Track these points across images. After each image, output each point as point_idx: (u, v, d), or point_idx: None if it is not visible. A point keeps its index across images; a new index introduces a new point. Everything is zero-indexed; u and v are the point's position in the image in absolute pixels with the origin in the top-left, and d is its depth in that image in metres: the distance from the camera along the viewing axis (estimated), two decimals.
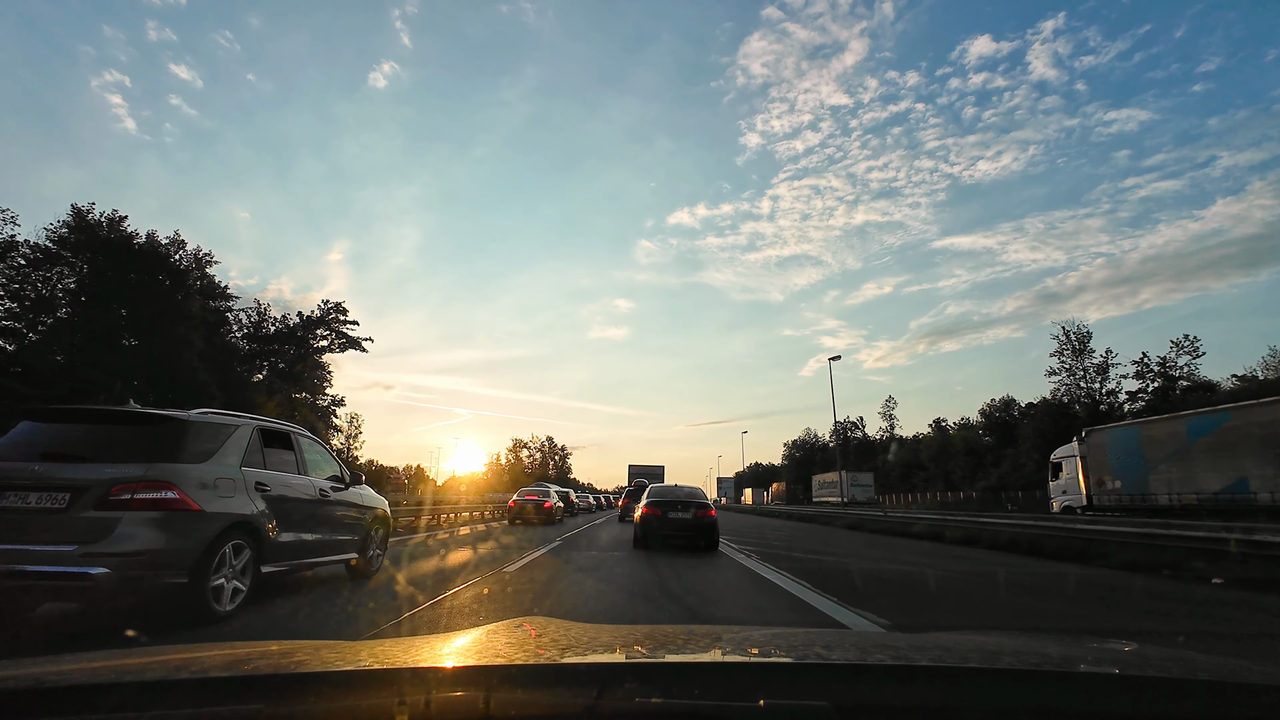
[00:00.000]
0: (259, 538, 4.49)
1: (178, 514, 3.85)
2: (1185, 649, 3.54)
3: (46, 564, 3.52)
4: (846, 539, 14.70)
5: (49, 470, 3.78)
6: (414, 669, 0.83)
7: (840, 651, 1.11)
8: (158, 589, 3.76)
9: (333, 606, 4.90)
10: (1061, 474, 21.41)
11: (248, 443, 4.69)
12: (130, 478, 3.77)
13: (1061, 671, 0.94)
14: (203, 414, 4.56)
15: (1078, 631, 4.61)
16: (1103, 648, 1.26)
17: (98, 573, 3.51)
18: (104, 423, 4.34)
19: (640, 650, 1.10)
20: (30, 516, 3.64)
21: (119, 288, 30.23)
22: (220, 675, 0.84)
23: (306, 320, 53.68)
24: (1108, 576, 7.64)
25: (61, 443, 4.07)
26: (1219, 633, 4.70)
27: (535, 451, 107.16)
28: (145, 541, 3.68)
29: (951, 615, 5.20)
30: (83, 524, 3.62)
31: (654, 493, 11.07)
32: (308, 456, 5.51)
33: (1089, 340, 47.40)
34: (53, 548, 3.56)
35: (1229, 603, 5.87)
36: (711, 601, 5.46)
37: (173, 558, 3.79)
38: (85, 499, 3.67)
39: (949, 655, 1.08)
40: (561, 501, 22.32)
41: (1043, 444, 43.36)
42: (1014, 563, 9.14)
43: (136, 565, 3.64)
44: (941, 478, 63.10)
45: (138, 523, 3.70)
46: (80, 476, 3.75)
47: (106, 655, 0.98)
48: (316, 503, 5.35)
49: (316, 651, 1.00)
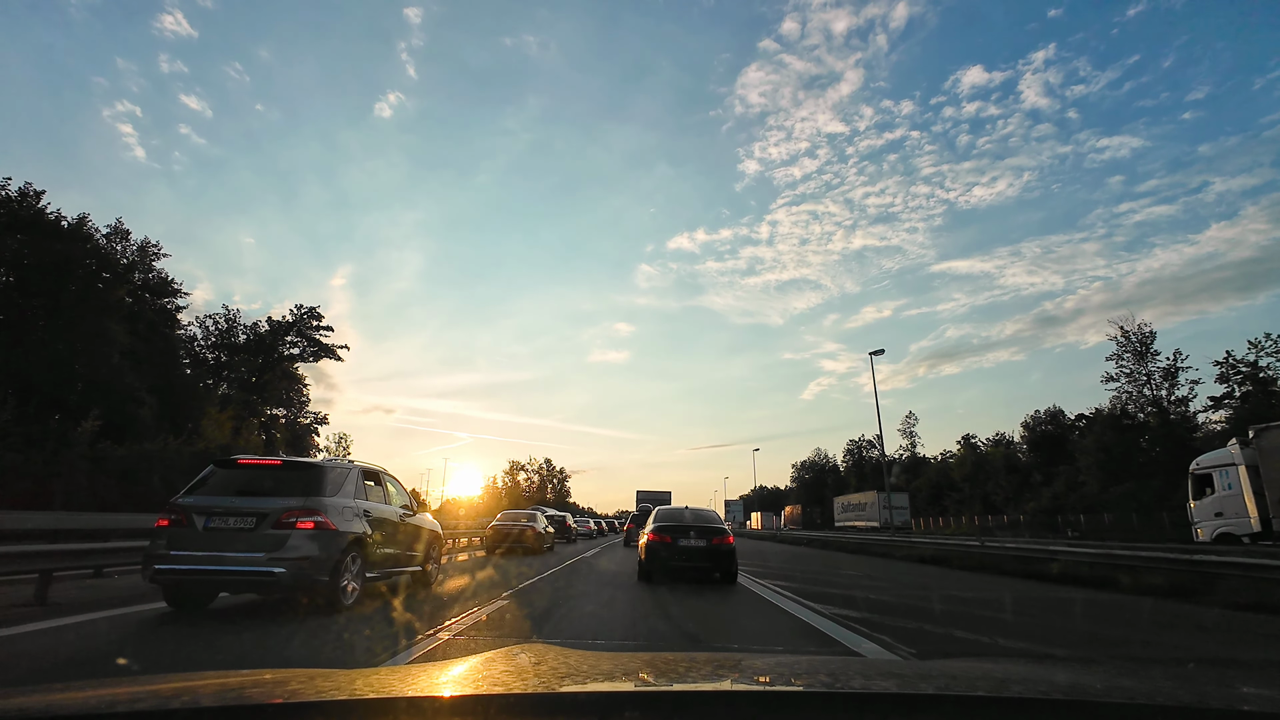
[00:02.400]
0: (366, 551, 6.87)
1: (325, 532, 6.24)
2: (1195, 674, 3.78)
3: (245, 565, 5.91)
4: (987, 592, 10.13)
5: (241, 502, 6.19)
6: (410, 698, 0.92)
7: (845, 679, 1.19)
8: (311, 584, 6.14)
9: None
10: (1211, 490, 17.80)
11: (357, 480, 7.15)
12: (295, 507, 6.19)
13: (1071, 700, 1.01)
14: (330, 461, 7.06)
15: (1090, 660, 4.88)
16: (1112, 675, 1.34)
17: (279, 571, 5.89)
18: (272, 468, 6.81)
19: (642, 678, 1.22)
20: (231, 534, 6.03)
21: (29, 270, 27.57)
22: (212, 705, 0.93)
23: (275, 326, 56.57)
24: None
25: (247, 482, 6.53)
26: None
27: (533, 474, 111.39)
28: (306, 551, 6.05)
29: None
30: (266, 539, 6.00)
31: (661, 516, 10.53)
32: (390, 489, 8.00)
33: (1152, 342, 45.70)
34: (247, 553, 5.96)
35: None
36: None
37: (322, 563, 6.14)
38: (266, 522, 6.05)
39: (956, 684, 1.17)
40: (552, 527, 22.00)
41: (1106, 460, 42.41)
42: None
43: (301, 567, 5.99)
44: (979, 499, 63.52)
45: (301, 538, 6.08)
46: (262, 506, 6.14)
47: (97, 684, 1.07)
48: (397, 525, 7.77)
49: (311, 680, 1.11)
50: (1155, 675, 1.54)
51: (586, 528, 38.26)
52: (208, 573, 5.99)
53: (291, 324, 56.88)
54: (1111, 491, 36.88)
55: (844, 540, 27.25)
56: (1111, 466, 36.16)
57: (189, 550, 6.00)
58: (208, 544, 6.04)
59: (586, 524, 39.91)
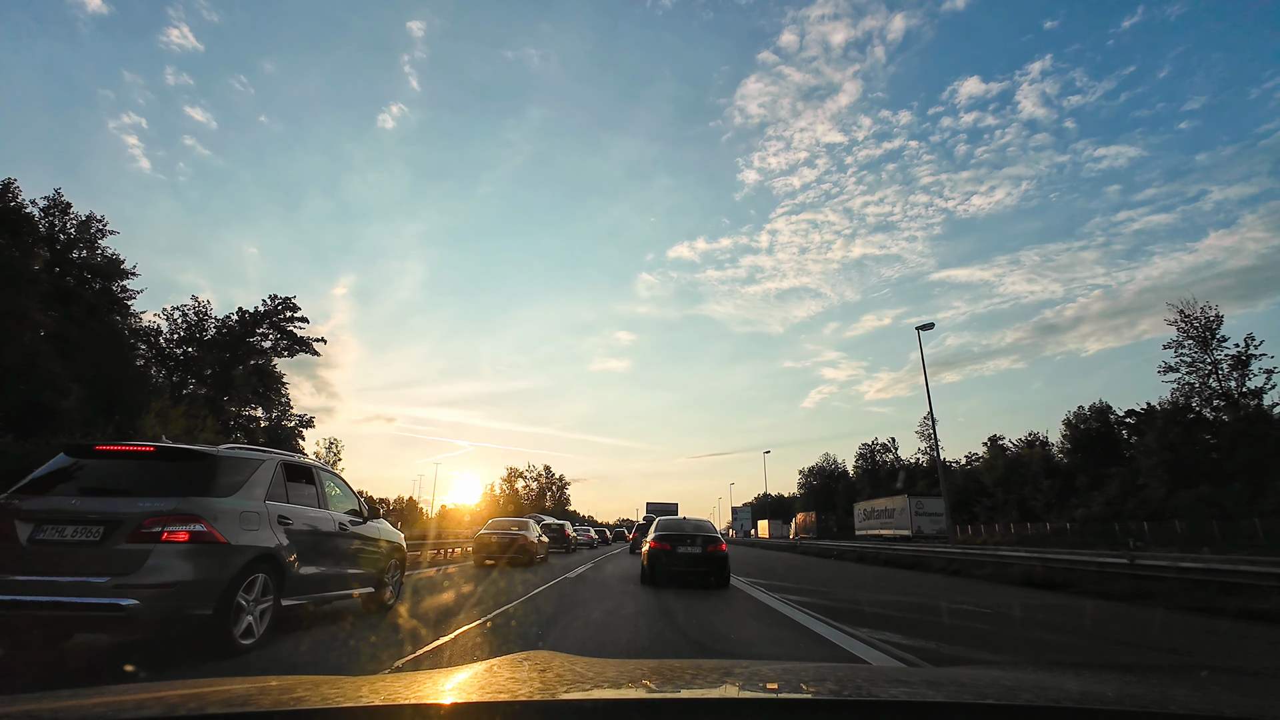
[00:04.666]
0: (281, 571, 5.21)
1: (205, 546, 4.57)
2: (1208, 682, 3.78)
3: (80, 595, 4.21)
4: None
5: (86, 504, 4.51)
6: (416, 705, 0.94)
7: (853, 687, 1.22)
8: (185, 620, 4.47)
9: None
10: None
11: (271, 477, 5.49)
12: (162, 511, 4.50)
13: (1081, 709, 1.03)
14: (230, 449, 5.35)
15: (1099, 666, 4.91)
16: (1124, 684, 1.35)
17: (128, 604, 4.20)
18: (140, 458, 5.07)
19: (647, 685, 1.22)
20: (66, 549, 4.34)
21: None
22: (219, 712, 0.96)
23: (245, 317, 54.90)
24: None
25: (102, 476, 4.82)
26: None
27: (532, 481, 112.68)
28: (174, 574, 4.38)
29: None
30: (115, 556, 4.32)
31: (662, 526, 11.98)
32: (328, 490, 6.34)
33: (1218, 327, 42.93)
34: (87, 579, 4.26)
35: None
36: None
37: (200, 590, 4.49)
38: (119, 532, 4.38)
39: (965, 691, 1.18)
40: (547, 536, 21.66)
41: (1173, 459, 39.54)
42: None
43: (166, 597, 4.33)
44: (1015, 505, 61.36)
45: (167, 555, 4.41)
46: (114, 510, 4.47)
47: (101, 692, 1.09)
48: (335, 536, 6.14)
49: (317, 688, 1.12)
50: (1168, 683, 1.41)
51: (587, 536, 38.18)
52: (29, 605, 4.28)
53: (263, 315, 55.21)
54: (1181, 496, 34.52)
55: (894, 553, 22.78)
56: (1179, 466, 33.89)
57: (2, 573, 4.32)
58: (33, 563, 4.40)
59: (587, 532, 39.86)
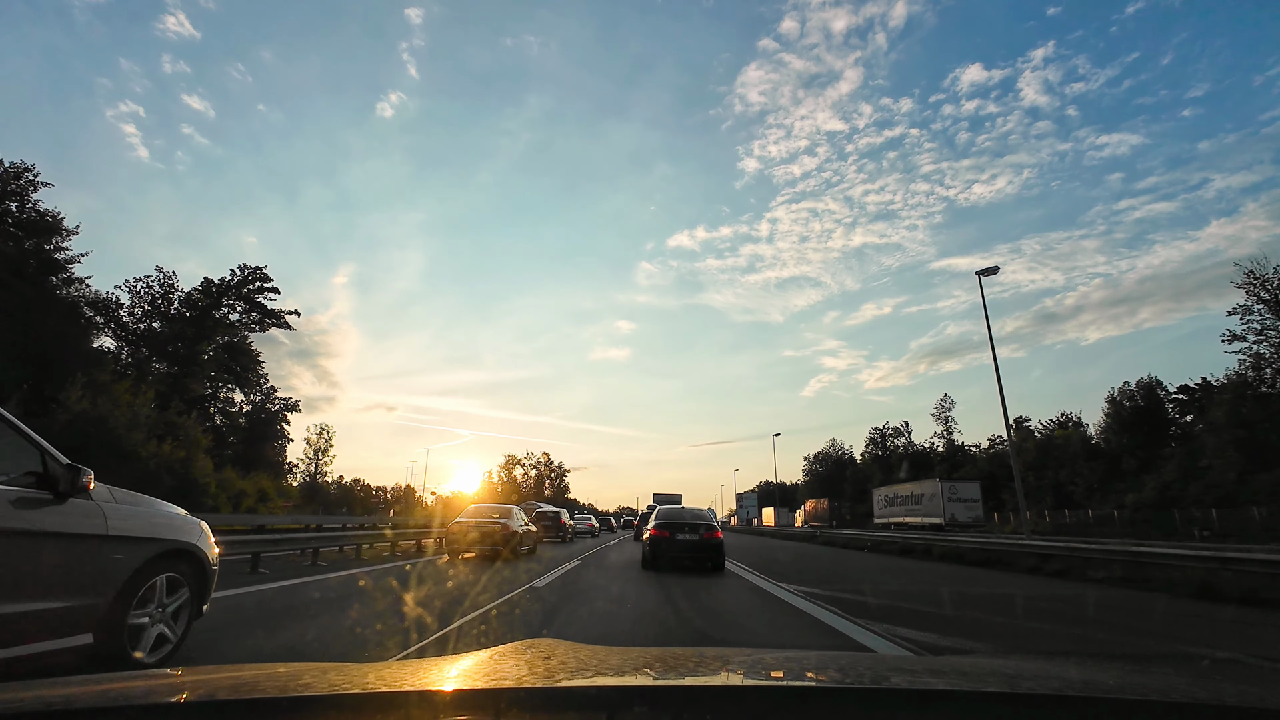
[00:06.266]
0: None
1: None
2: (1210, 671, 3.93)
3: None
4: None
5: None
6: (421, 692, 1.00)
7: (855, 675, 1.32)
8: None
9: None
10: None
11: None
12: None
13: (1084, 697, 1.09)
14: None
15: (1101, 654, 4.97)
16: (1126, 672, 1.35)
17: None
18: None
19: (651, 673, 1.29)
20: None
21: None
22: (227, 698, 1.03)
23: (211, 288, 52.21)
24: None
25: None
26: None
27: (530, 469, 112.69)
28: None
29: None
30: None
31: (662, 515, 13.39)
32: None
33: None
34: None
35: None
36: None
37: None
38: None
39: (967, 680, 1.26)
40: (537, 525, 20.87)
41: (1246, 437, 36.35)
42: None
43: None
44: (1050, 490, 58.82)
45: None
46: None
47: (113, 679, 1.18)
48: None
49: (324, 674, 1.17)
50: (1169, 672, 1.53)
51: (588, 525, 38.54)
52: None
53: (230, 286, 52.47)
54: (1259, 480, 31.53)
55: (952, 546, 18.59)
56: (1253, 444, 31.09)
57: None
58: None
59: (587, 521, 40.14)
